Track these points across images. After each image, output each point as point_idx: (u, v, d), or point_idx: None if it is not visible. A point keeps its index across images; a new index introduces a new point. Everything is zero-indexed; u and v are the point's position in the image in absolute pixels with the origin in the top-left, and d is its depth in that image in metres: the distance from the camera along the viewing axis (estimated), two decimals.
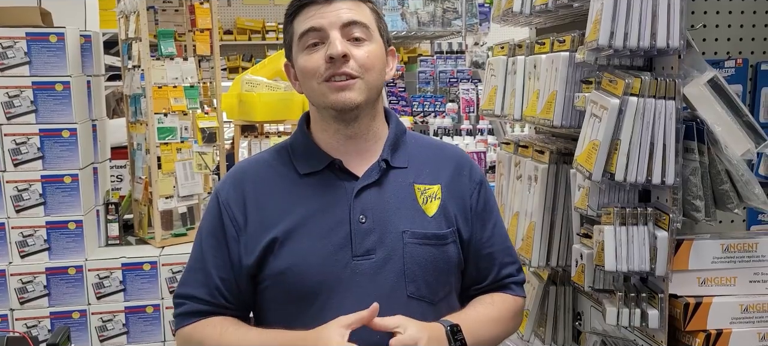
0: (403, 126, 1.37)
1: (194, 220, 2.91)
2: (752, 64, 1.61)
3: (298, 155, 1.30)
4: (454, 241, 1.31)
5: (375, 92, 1.27)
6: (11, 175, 2.52)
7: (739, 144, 1.38)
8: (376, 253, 1.24)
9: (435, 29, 4.42)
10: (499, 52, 1.84)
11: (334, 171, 1.27)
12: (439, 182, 1.31)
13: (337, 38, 1.21)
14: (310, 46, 1.24)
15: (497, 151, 1.98)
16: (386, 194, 1.27)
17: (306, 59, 1.24)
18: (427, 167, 1.33)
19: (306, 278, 1.23)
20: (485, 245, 1.36)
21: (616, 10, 1.32)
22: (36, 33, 2.50)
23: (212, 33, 2.91)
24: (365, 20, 1.25)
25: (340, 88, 1.21)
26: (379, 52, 1.26)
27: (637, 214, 1.36)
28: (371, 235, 1.24)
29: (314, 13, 1.23)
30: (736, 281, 1.40)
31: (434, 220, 1.28)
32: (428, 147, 1.38)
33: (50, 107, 2.53)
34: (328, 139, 1.29)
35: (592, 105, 1.40)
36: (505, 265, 1.39)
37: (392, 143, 1.31)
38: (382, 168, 1.28)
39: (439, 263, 1.28)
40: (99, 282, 2.61)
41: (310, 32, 1.23)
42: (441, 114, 4.05)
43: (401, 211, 1.26)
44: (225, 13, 7.28)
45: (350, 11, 1.23)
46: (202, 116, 2.87)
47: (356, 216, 1.24)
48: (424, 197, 1.29)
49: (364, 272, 1.23)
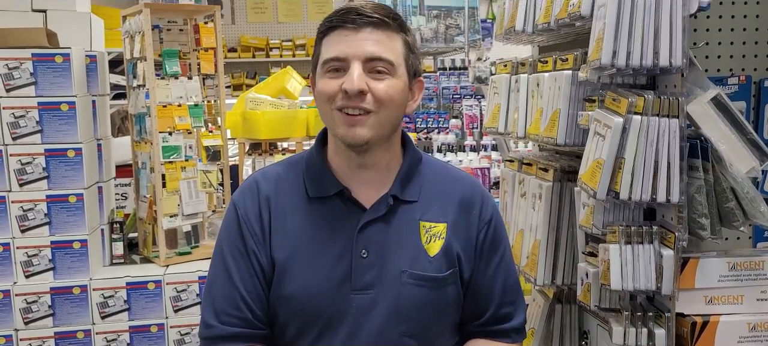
0: (419, 154, 1.34)
1: (198, 238, 2.91)
2: (755, 81, 1.62)
3: (311, 176, 1.29)
4: (454, 282, 1.28)
5: (389, 127, 1.24)
6: (16, 195, 2.52)
7: (744, 162, 1.38)
8: (374, 288, 1.23)
9: (438, 46, 4.43)
10: (502, 70, 1.85)
11: (343, 200, 1.26)
12: (445, 221, 1.28)
13: (356, 72, 1.18)
14: (331, 71, 1.21)
15: (501, 169, 1.98)
16: (390, 230, 1.26)
17: (324, 83, 1.22)
18: (437, 204, 1.29)
19: (308, 306, 1.23)
20: (486, 283, 1.32)
21: (619, 29, 1.33)
22: (42, 54, 2.52)
23: (216, 52, 2.92)
24: (391, 56, 1.21)
25: (351, 123, 1.20)
26: (400, 86, 1.22)
27: (642, 232, 1.36)
28: (371, 270, 1.24)
29: (342, 40, 1.20)
30: (744, 299, 1.39)
31: (435, 261, 1.26)
32: (441, 180, 1.33)
33: (55, 127, 2.55)
34: (341, 163, 1.28)
35: (596, 123, 1.40)
36: (505, 304, 1.34)
37: (403, 176, 1.28)
38: (389, 204, 1.26)
39: (436, 304, 1.26)
40: (103, 302, 2.61)
41: (333, 60, 1.20)
42: (444, 130, 4.05)
43: (403, 250, 1.25)
44: (229, 31, 7.33)
45: (377, 44, 1.20)
46: (207, 135, 2.88)
47: (359, 250, 1.24)
48: (428, 235, 1.27)
49: (360, 306, 1.23)
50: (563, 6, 1.51)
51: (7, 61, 2.49)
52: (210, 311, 1.25)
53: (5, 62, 2.49)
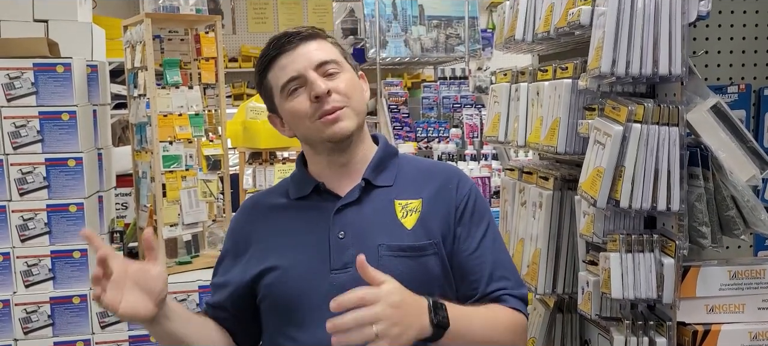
0: (394, 149, 1.43)
1: (199, 248, 2.91)
2: (755, 89, 1.62)
3: (294, 184, 1.41)
4: (435, 253, 1.30)
5: (362, 116, 1.35)
6: (17, 204, 2.52)
7: (744, 170, 1.38)
8: (352, 266, 1.24)
9: (438, 55, 4.44)
10: (502, 78, 1.85)
11: (319, 193, 1.35)
12: (420, 197, 1.34)
13: (316, 78, 1.29)
14: (292, 92, 1.31)
15: (501, 177, 1.98)
16: (366, 211, 1.32)
17: (292, 105, 1.32)
18: (412, 185, 1.36)
19: (288, 292, 1.30)
20: (472, 255, 1.31)
21: (618, 38, 1.33)
22: (43, 63, 2.53)
23: (217, 61, 2.93)
24: (334, 56, 1.33)
25: (332, 120, 1.29)
26: (353, 79, 1.34)
27: (642, 241, 1.35)
28: (349, 249, 1.29)
29: (287, 63, 1.31)
30: (745, 308, 1.38)
31: (412, 232, 1.30)
32: (420, 168, 1.42)
33: (56, 137, 2.55)
34: (322, 168, 1.37)
35: (596, 132, 1.40)
36: (498, 278, 1.32)
37: (376, 164, 1.36)
38: (362, 187, 1.34)
39: (417, 274, 1.27)
40: (103, 311, 2.60)
41: (290, 82, 1.31)
42: (445, 139, 4.06)
43: (379, 226, 1.31)
44: (230, 40, 7.35)
45: (319, 51, 1.32)
46: (207, 144, 2.88)
47: (335, 232, 1.30)
48: (404, 211, 1.33)
49: (342, 284, 1.24)
50: (563, 15, 1.52)
51: (8, 71, 2.50)
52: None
53: (6, 72, 2.49)
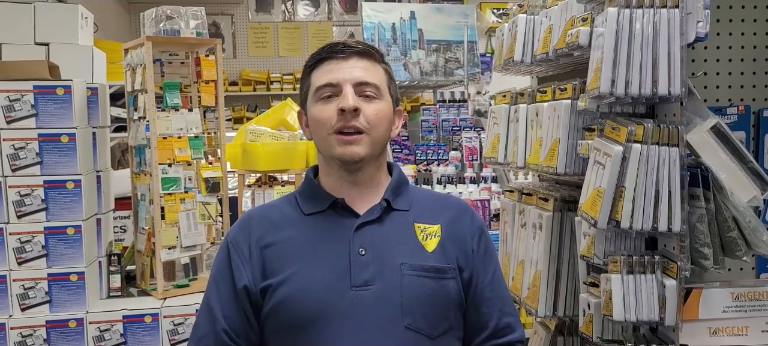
0: (406, 178, 1.43)
1: (197, 271, 2.89)
2: (755, 111, 1.62)
3: (304, 198, 1.38)
4: (454, 278, 1.32)
5: (379, 147, 1.34)
6: (14, 226, 2.51)
7: (745, 191, 1.37)
8: (374, 284, 1.26)
9: (437, 79, 4.46)
10: (501, 100, 1.85)
11: (337, 209, 1.33)
12: (438, 222, 1.35)
13: (349, 93, 1.29)
14: (324, 98, 1.31)
15: (501, 199, 1.97)
16: (386, 231, 1.32)
17: (319, 110, 1.31)
18: (428, 211, 1.37)
19: (304, 307, 1.26)
20: (487, 288, 1.35)
21: (617, 59, 1.33)
22: (43, 86, 2.53)
23: (217, 84, 2.94)
24: (377, 81, 1.33)
25: (347, 142, 1.29)
26: (387, 110, 1.34)
27: (644, 262, 1.34)
28: (370, 266, 1.27)
29: (332, 68, 1.32)
30: (748, 330, 1.37)
31: (433, 255, 1.31)
32: (431, 197, 1.43)
33: (55, 159, 2.55)
34: (333, 183, 1.35)
35: (596, 152, 1.39)
36: (506, 313, 1.38)
37: (394, 188, 1.37)
38: (383, 207, 1.33)
39: (437, 296, 1.29)
40: (99, 335, 2.57)
41: (326, 86, 1.31)
42: (444, 162, 4.05)
43: (401, 246, 1.30)
44: (231, 65, 7.39)
45: (365, 71, 1.32)
46: (206, 166, 2.88)
47: (356, 249, 1.29)
48: (424, 234, 1.33)
49: (362, 302, 1.25)
50: (561, 36, 1.52)
51: (8, 93, 2.50)
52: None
53: (6, 94, 2.50)
